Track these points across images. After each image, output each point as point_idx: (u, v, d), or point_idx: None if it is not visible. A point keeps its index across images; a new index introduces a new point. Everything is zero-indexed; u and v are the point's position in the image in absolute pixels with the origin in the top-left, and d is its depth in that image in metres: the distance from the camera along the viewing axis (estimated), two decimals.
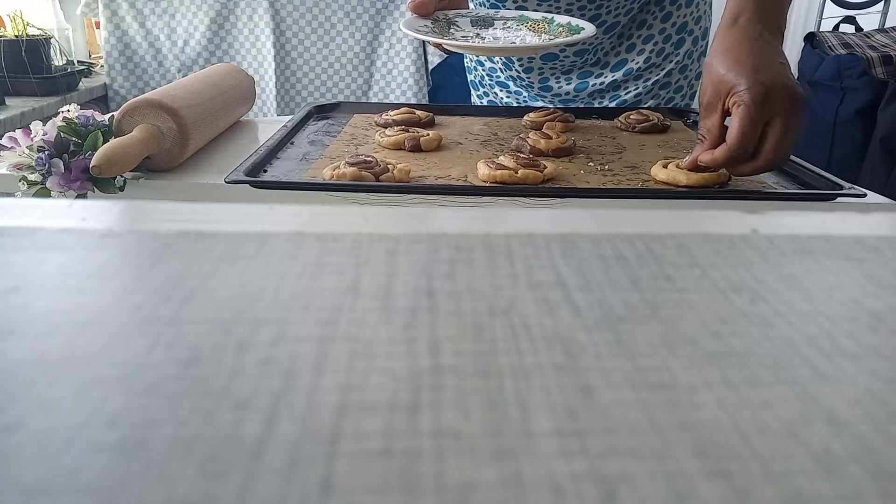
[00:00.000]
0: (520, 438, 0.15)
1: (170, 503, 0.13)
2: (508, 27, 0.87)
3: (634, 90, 1.01)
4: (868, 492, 0.14)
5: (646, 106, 1.00)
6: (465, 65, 1.16)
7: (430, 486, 0.13)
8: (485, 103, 1.12)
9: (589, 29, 0.82)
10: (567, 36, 0.83)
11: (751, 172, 0.63)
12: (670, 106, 1.03)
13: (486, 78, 1.10)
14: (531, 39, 0.84)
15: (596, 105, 1.03)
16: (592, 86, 1.01)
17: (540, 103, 1.05)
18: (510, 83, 1.08)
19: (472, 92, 1.16)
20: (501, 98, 1.10)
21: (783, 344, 0.19)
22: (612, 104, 1.02)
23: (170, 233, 0.26)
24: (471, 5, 0.99)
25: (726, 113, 0.62)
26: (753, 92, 0.58)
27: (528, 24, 0.87)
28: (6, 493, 0.13)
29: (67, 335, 0.19)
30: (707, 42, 1.03)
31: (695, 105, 1.01)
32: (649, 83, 1.00)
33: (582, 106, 1.03)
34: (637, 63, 0.98)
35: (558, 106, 1.02)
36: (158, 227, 0.26)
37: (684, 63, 1.01)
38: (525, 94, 1.07)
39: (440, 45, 0.82)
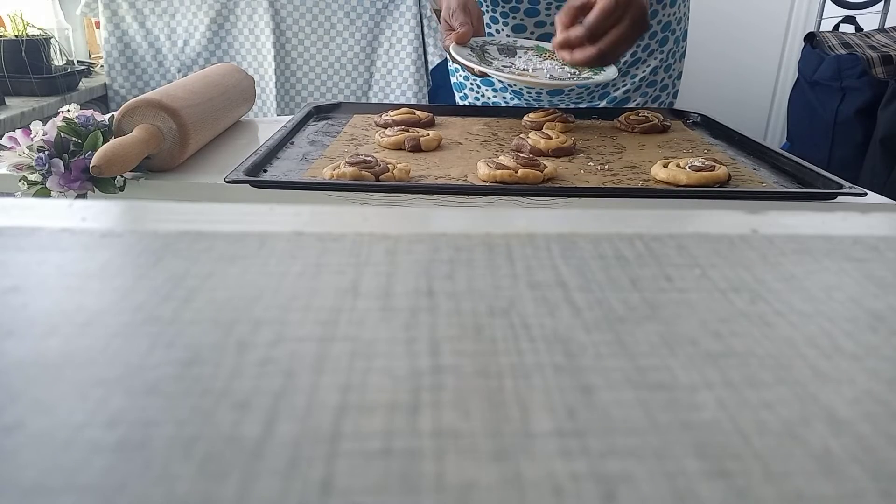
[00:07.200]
0: (520, 438, 0.15)
1: (170, 503, 0.13)
2: (530, 57, 0.92)
3: (623, 87, 1.05)
4: (868, 492, 0.14)
5: (634, 103, 1.05)
6: (449, 68, 1.18)
7: (430, 486, 0.13)
8: (468, 104, 1.14)
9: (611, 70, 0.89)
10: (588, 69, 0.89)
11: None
12: (657, 103, 1.08)
13: (472, 77, 1.12)
14: (560, 71, 0.88)
15: (586, 100, 1.06)
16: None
17: (526, 96, 1.08)
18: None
19: (456, 94, 1.18)
20: (490, 97, 1.11)
21: (783, 344, 0.19)
22: (603, 102, 1.06)
23: (170, 233, 0.26)
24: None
25: (589, 7, 0.74)
26: None
27: (546, 55, 0.92)
28: (6, 493, 0.13)
29: (67, 335, 0.19)
30: (686, 44, 1.10)
31: (679, 104, 1.07)
32: (636, 79, 1.05)
33: (574, 98, 1.06)
34: (624, 56, 1.03)
35: (551, 100, 1.05)
36: (158, 227, 0.26)
37: (668, 62, 1.07)
38: (511, 88, 1.08)
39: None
